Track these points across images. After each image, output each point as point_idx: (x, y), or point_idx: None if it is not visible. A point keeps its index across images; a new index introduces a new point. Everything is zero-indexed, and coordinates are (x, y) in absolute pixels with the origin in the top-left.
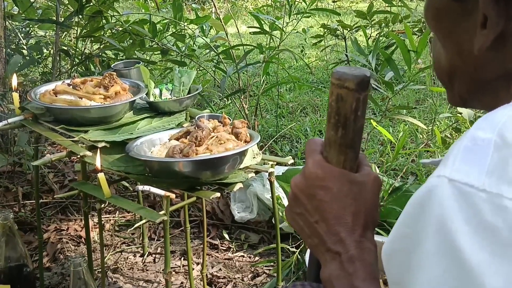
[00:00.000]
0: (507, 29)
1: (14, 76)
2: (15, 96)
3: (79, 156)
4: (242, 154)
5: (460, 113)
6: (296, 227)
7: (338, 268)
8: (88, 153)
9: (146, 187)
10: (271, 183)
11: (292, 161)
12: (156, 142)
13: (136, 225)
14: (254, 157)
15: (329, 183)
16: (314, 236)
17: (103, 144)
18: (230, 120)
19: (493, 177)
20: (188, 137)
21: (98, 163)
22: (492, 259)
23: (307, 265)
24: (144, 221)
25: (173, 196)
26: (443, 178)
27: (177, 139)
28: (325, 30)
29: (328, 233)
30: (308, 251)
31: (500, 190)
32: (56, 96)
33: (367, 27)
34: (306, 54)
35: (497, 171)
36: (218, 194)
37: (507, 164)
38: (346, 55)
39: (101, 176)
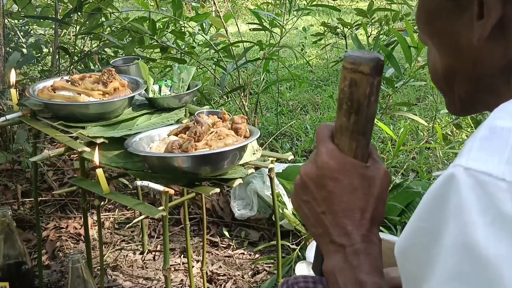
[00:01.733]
0: (505, 16)
1: (13, 72)
2: (13, 92)
3: (77, 152)
4: (242, 149)
5: None
6: (301, 214)
7: (341, 261)
8: (87, 149)
9: (145, 183)
10: (271, 179)
11: (292, 157)
12: (155, 138)
13: (135, 220)
14: (254, 153)
15: (340, 175)
16: (319, 226)
17: (101, 140)
18: (230, 115)
19: None
20: (187, 132)
21: (96, 159)
22: (510, 251)
23: (312, 257)
24: (142, 216)
25: (172, 191)
26: (459, 167)
27: (176, 134)
28: (326, 28)
29: (334, 225)
30: (310, 246)
31: None
32: (54, 92)
33: (368, 25)
34: (306, 52)
35: None
36: (217, 190)
37: None
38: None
39: (99, 171)
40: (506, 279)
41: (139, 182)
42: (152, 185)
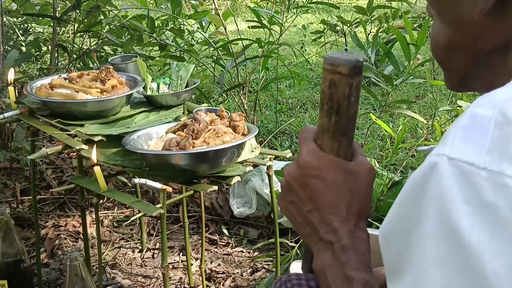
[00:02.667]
0: None
1: (11, 70)
2: (11, 90)
3: (75, 149)
4: (240, 147)
5: (460, 106)
6: (289, 216)
7: (330, 258)
8: (84, 146)
9: (143, 180)
10: (270, 177)
11: (290, 154)
12: (153, 136)
13: (132, 218)
14: (252, 151)
15: (323, 172)
16: (307, 225)
17: (99, 137)
18: (228, 113)
19: (494, 155)
20: (185, 130)
21: (94, 156)
22: (492, 239)
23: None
24: (140, 214)
25: (170, 189)
26: (442, 156)
27: (174, 132)
28: (325, 26)
29: (320, 222)
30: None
31: (502, 169)
32: (52, 90)
33: (367, 23)
34: (306, 50)
35: (498, 149)
36: (215, 188)
37: (509, 141)
38: (346, 50)
39: (97, 169)
40: (487, 267)
41: (136, 180)
42: (150, 182)
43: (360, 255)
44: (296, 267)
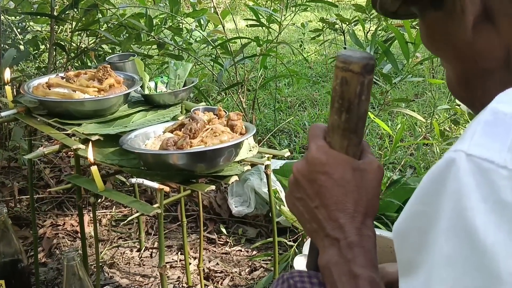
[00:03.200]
0: (488, 7)
1: (7, 69)
2: (8, 89)
3: (72, 149)
4: (237, 146)
5: (459, 105)
6: (296, 212)
7: (336, 254)
8: (81, 146)
9: (140, 180)
10: (268, 176)
11: (288, 153)
12: (150, 135)
13: (130, 218)
14: (250, 150)
15: (331, 169)
16: (314, 221)
17: (96, 137)
18: (226, 112)
19: None
20: (182, 129)
21: (90, 156)
22: (509, 239)
23: (306, 253)
24: (137, 214)
25: (167, 189)
26: (461, 152)
27: (172, 131)
28: (324, 24)
29: (327, 219)
30: (306, 243)
31: None
32: (49, 89)
33: (366, 21)
34: (305, 49)
35: None
36: (213, 187)
37: None
38: (345, 48)
39: (94, 169)
40: (502, 267)
41: (134, 180)
42: (147, 182)
43: (367, 253)
44: (299, 262)
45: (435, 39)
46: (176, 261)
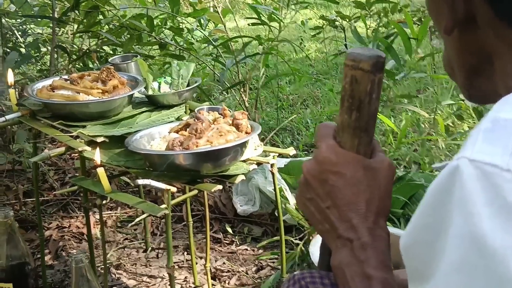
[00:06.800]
0: (473, 11)
1: (10, 72)
2: (12, 92)
3: (78, 151)
4: (243, 145)
5: (463, 100)
6: (307, 213)
7: (349, 255)
8: (87, 148)
9: (146, 181)
10: (273, 175)
11: (294, 152)
12: (155, 136)
13: (137, 219)
14: (255, 149)
15: (342, 169)
16: (325, 222)
17: (102, 138)
18: (230, 111)
19: None
20: (188, 129)
21: (97, 158)
22: None
23: (317, 253)
24: (145, 215)
25: (174, 189)
26: (464, 159)
27: (177, 131)
28: (324, 21)
29: (339, 219)
30: (313, 241)
31: None
32: (53, 91)
33: (366, 18)
34: (305, 46)
35: None
36: (219, 187)
37: None
38: (346, 45)
39: (100, 171)
40: None
41: (140, 181)
42: (154, 183)
43: (380, 254)
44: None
45: (434, 19)
46: (183, 261)
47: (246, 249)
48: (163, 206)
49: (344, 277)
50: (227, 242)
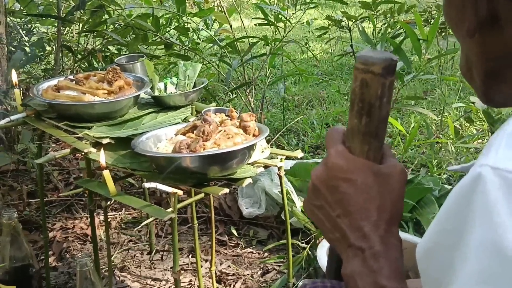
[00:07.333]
0: (496, 11)
1: (13, 72)
2: (17, 92)
3: (83, 153)
4: (251, 148)
5: (473, 103)
6: (316, 221)
7: (361, 265)
8: (93, 149)
9: (153, 184)
10: (281, 178)
11: (302, 154)
12: (162, 138)
13: (144, 223)
14: (262, 151)
15: (352, 175)
16: (336, 230)
17: (107, 140)
18: (238, 113)
19: None
20: (195, 131)
21: (102, 160)
22: None
23: (325, 258)
24: (151, 219)
25: (180, 193)
26: (486, 167)
27: (184, 134)
28: (330, 22)
29: (351, 228)
30: (320, 245)
31: None
32: (58, 92)
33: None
34: (310, 47)
35: None
36: (227, 190)
37: None
38: (351, 46)
39: (106, 173)
40: None
41: (147, 184)
42: (161, 186)
43: (393, 263)
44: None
45: (452, 18)
46: (187, 264)
47: (252, 252)
48: (169, 209)
49: (356, 287)
50: (232, 245)
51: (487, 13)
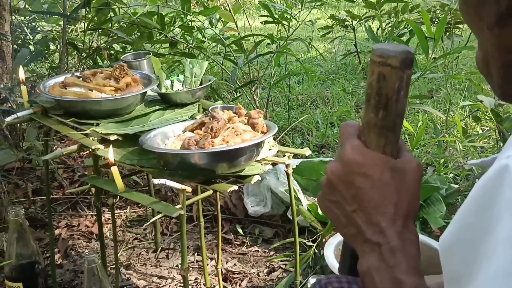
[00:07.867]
0: None
1: (21, 68)
2: (23, 89)
3: (90, 149)
4: (259, 145)
5: (481, 101)
6: (330, 216)
7: (378, 260)
8: (100, 146)
9: (162, 181)
10: (288, 176)
11: (309, 152)
12: (169, 134)
13: (152, 220)
14: (270, 149)
15: (369, 170)
16: (351, 226)
17: (115, 137)
18: (245, 110)
19: None
20: (203, 128)
21: (111, 157)
22: None
23: (332, 256)
24: (160, 215)
25: (189, 189)
26: None
27: (192, 130)
28: (334, 21)
29: (367, 223)
30: (327, 243)
31: None
32: (65, 88)
33: (375, 17)
34: (313, 46)
35: None
36: (235, 187)
37: None
38: (355, 45)
39: (114, 169)
40: None
41: (156, 181)
42: (170, 183)
43: (410, 258)
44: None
45: (470, 16)
46: (193, 262)
47: (257, 251)
48: (178, 206)
49: (374, 282)
50: (238, 243)
51: (508, 4)
